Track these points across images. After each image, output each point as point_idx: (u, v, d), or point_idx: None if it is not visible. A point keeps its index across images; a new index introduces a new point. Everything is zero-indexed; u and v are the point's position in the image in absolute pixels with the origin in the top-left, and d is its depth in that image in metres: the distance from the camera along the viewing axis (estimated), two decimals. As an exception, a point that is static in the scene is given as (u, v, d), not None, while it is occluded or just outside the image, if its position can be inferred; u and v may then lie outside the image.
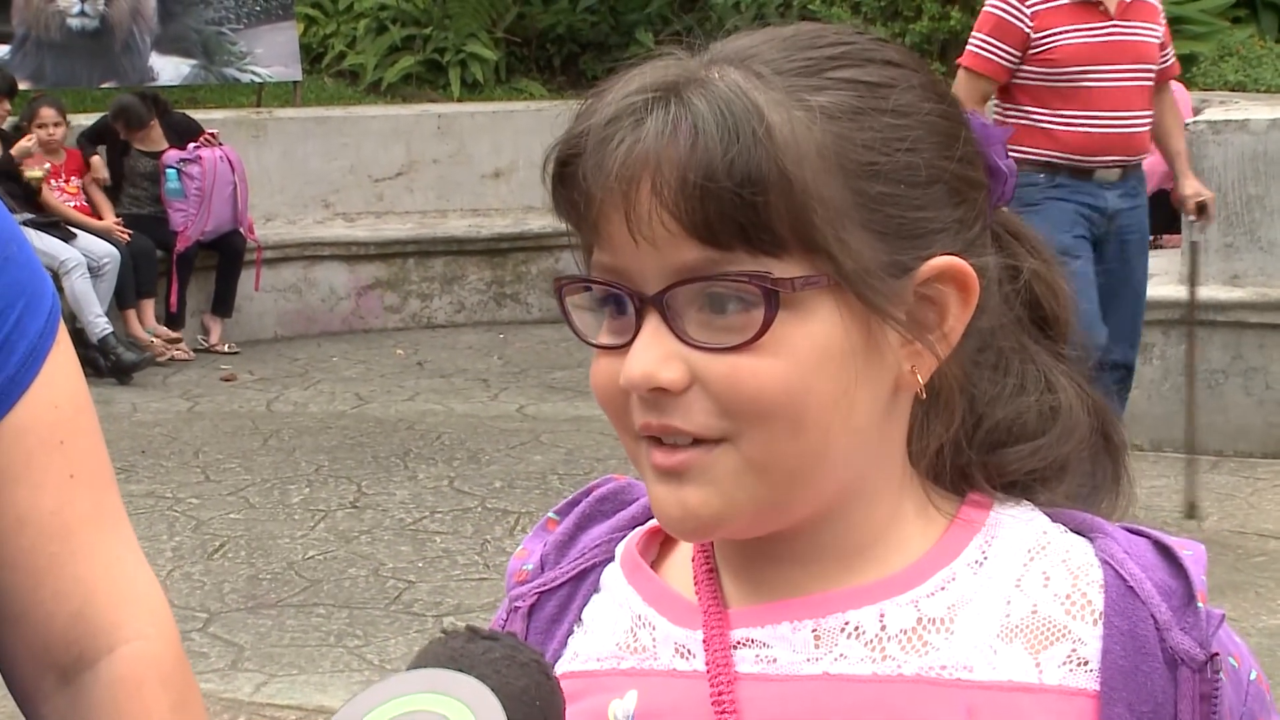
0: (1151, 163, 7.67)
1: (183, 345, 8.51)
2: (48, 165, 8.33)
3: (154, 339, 8.36)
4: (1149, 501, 5.79)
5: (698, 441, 0.89)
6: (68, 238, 7.95)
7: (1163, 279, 6.60)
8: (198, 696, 1.23)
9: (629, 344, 0.89)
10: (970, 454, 0.95)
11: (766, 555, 0.95)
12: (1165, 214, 7.54)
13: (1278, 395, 6.21)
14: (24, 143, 8.24)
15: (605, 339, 0.91)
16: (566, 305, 0.93)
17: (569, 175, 0.90)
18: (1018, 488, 0.97)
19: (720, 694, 0.92)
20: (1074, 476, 0.98)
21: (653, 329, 0.88)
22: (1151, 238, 7.53)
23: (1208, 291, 6.29)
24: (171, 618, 1.23)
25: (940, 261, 0.90)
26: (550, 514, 1.07)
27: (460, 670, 0.79)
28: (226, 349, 8.67)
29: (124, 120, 8.67)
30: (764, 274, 0.86)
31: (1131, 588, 0.92)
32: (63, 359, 1.18)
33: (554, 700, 0.82)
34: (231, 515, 5.84)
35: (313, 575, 5.19)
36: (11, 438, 1.15)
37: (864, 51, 0.92)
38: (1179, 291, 6.36)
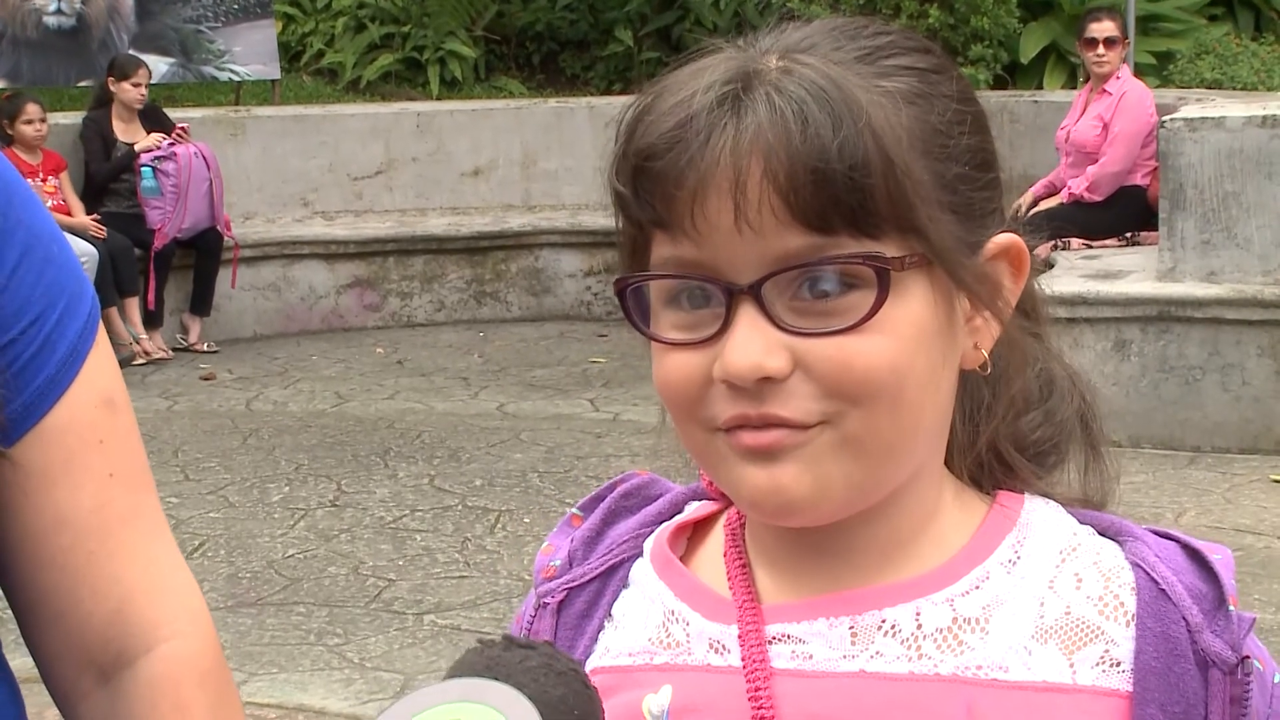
0: (1107, 162, 7.73)
1: (161, 344, 8.50)
2: (49, 200, 8.29)
3: (135, 341, 8.33)
4: (1127, 498, 5.80)
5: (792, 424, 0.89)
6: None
7: (1140, 275, 6.63)
8: (235, 696, 1.23)
9: (712, 338, 0.89)
10: (997, 430, 0.98)
11: (809, 547, 0.95)
12: (1141, 211, 7.59)
13: (1254, 391, 6.24)
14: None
15: (676, 335, 0.91)
16: (629, 304, 0.93)
17: (660, 170, 0.89)
18: (1038, 459, 0.99)
19: (757, 689, 0.93)
20: (1072, 447, 1.00)
21: (749, 319, 0.88)
22: (1128, 234, 7.60)
23: (1184, 288, 6.32)
24: (209, 617, 1.23)
25: (1003, 239, 0.94)
26: (574, 509, 1.07)
27: (497, 679, 0.79)
28: (205, 348, 8.66)
29: (114, 68, 8.68)
30: (878, 254, 0.87)
31: (1164, 590, 0.93)
32: (102, 359, 1.19)
33: (592, 709, 0.81)
34: (211, 514, 5.83)
35: (292, 574, 5.19)
36: (52, 437, 1.15)
37: (905, 40, 0.93)
38: (1156, 288, 6.39)
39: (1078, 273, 6.82)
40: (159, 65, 9.98)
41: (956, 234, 0.90)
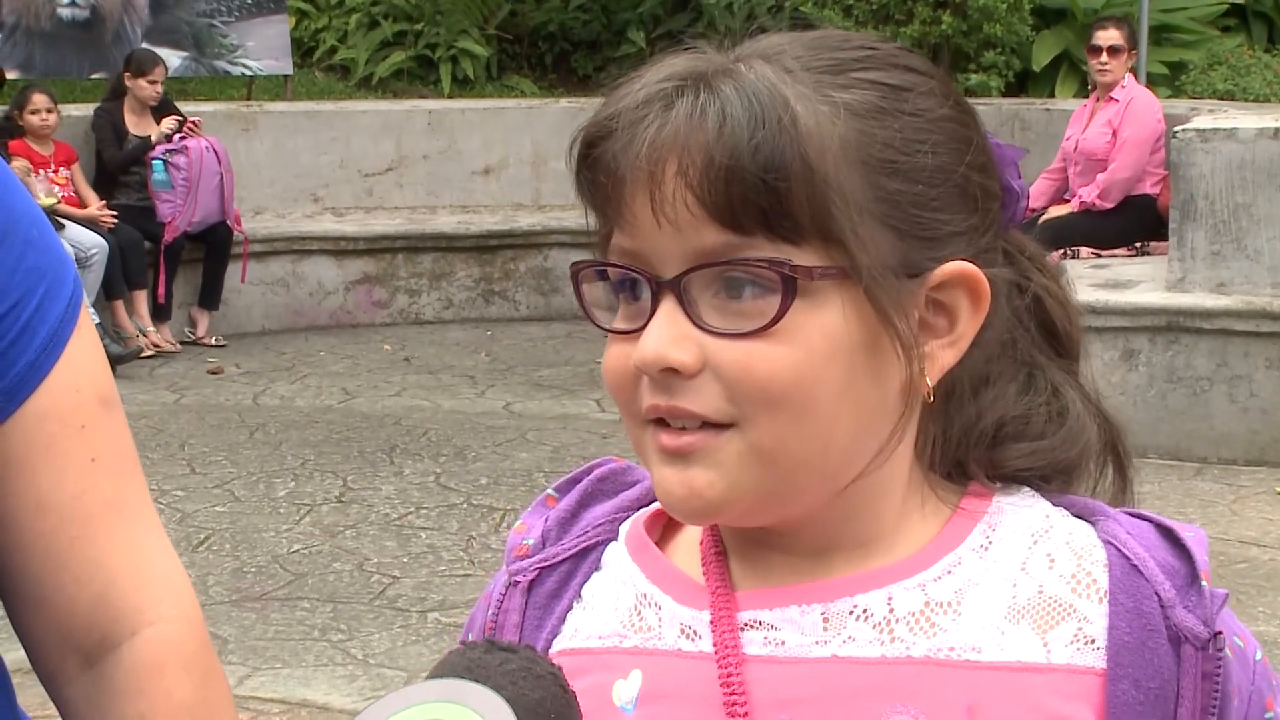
0: (1116, 169, 7.73)
1: (169, 337, 8.51)
2: (57, 189, 8.29)
3: (142, 334, 8.35)
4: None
5: (705, 426, 0.89)
6: (56, 228, 7.90)
7: (1149, 285, 6.63)
8: (222, 679, 1.23)
9: (641, 328, 0.90)
10: (969, 450, 0.97)
11: (775, 547, 0.96)
12: (1151, 221, 7.58)
13: (1262, 403, 6.23)
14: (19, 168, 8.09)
15: (620, 324, 0.93)
16: (583, 291, 0.95)
17: (596, 157, 0.91)
18: (1016, 483, 0.98)
19: (729, 675, 0.93)
20: (1080, 484, 0.99)
21: (668, 312, 0.89)
22: (1138, 244, 7.60)
23: (1194, 299, 6.32)
24: (195, 601, 1.23)
25: (954, 266, 0.92)
26: (550, 490, 1.07)
27: (477, 681, 0.80)
28: (213, 341, 8.67)
29: (131, 63, 8.68)
30: (783, 260, 0.87)
31: (1135, 566, 0.93)
32: (85, 343, 1.18)
33: (570, 713, 0.82)
34: (217, 508, 5.84)
35: (297, 569, 5.19)
36: (33, 422, 1.15)
37: (888, 57, 0.93)
38: (1165, 298, 6.39)
39: (1086, 281, 6.81)
40: (172, 59, 9.98)
41: (892, 253, 0.89)
